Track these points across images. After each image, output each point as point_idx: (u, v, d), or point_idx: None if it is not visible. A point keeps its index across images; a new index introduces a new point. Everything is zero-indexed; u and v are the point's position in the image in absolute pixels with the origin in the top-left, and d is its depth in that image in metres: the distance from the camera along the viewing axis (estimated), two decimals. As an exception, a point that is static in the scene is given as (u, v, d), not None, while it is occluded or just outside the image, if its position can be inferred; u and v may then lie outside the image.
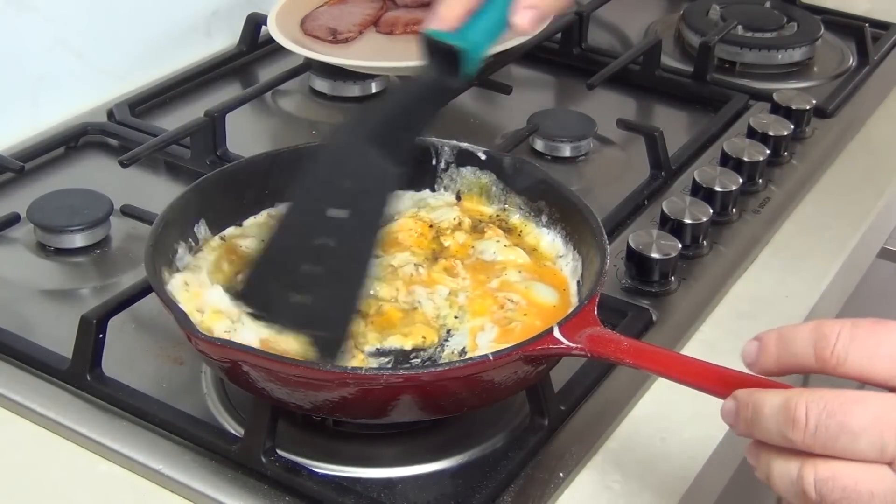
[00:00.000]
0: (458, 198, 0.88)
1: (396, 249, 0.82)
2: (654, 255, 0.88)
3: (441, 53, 0.75)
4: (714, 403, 0.64)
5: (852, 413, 0.51)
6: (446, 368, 0.67)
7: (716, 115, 1.14)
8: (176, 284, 0.75)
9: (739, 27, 1.29)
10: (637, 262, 0.88)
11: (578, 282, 0.79)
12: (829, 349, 0.53)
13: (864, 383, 0.53)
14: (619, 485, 0.72)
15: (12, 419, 0.77)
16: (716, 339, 0.86)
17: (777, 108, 1.12)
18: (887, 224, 1.12)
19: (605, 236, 0.77)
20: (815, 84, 1.24)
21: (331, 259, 0.73)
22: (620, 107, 1.18)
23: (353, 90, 1.19)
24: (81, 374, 0.77)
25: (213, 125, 1.04)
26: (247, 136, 1.10)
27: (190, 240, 0.81)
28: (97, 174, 1.03)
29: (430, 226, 0.85)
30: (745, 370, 0.63)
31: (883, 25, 1.35)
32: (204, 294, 0.75)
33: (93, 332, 0.76)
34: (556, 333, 0.67)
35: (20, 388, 0.78)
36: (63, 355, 0.78)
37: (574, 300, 0.78)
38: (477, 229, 0.85)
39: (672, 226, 0.93)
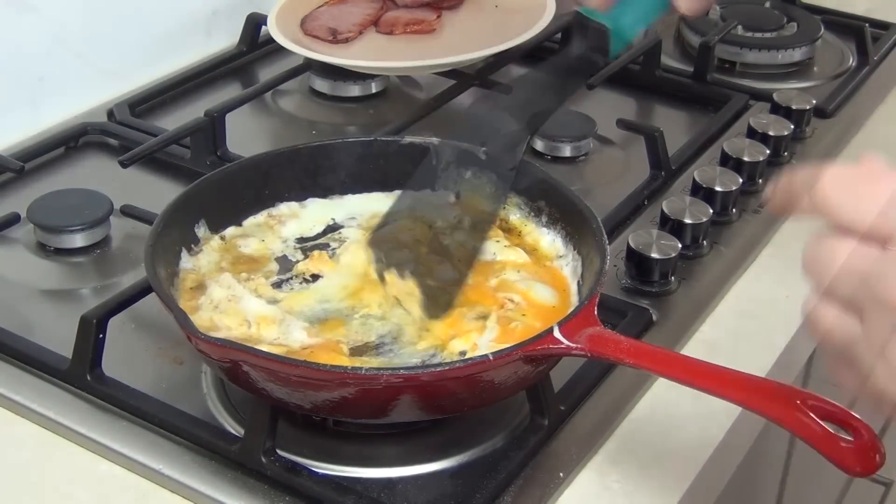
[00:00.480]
0: (458, 197, 0.88)
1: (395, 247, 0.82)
2: (654, 255, 0.88)
3: (592, 31, 0.79)
4: (714, 403, 0.64)
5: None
6: (446, 368, 0.67)
7: (716, 115, 1.14)
8: (207, 310, 0.75)
9: (739, 27, 1.29)
10: (637, 262, 0.88)
11: (578, 282, 0.79)
12: (818, 190, 0.52)
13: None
14: (619, 485, 0.72)
15: (12, 419, 0.77)
16: (716, 339, 0.86)
17: (777, 108, 1.12)
18: (887, 224, 1.12)
19: (605, 236, 0.77)
20: (815, 84, 1.24)
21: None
22: (620, 107, 1.18)
23: (353, 90, 1.19)
24: (81, 374, 0.77)
25: (213, 125, 1.04)
26: (247, 136, 1.10)
27: (190, 240, 0.81)
28: (97, 174, 1.03)
29: (430, 226, 0.85)
30: (745, 370, 0.63)
31: (883, 25, 1.35)
32: (240, 306, 0.75)
33: (93, 332, 0.76)
34: (556, 333, 0.67)
35: (20, 388, 0.78)
36: (63, 355, 0.78)
37: (574, 300, 0.78)
38: (477, 229, 0.85)
39: (672, 226, 0.93)
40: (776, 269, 0.95)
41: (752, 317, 0.89)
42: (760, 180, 1.03)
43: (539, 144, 1.09)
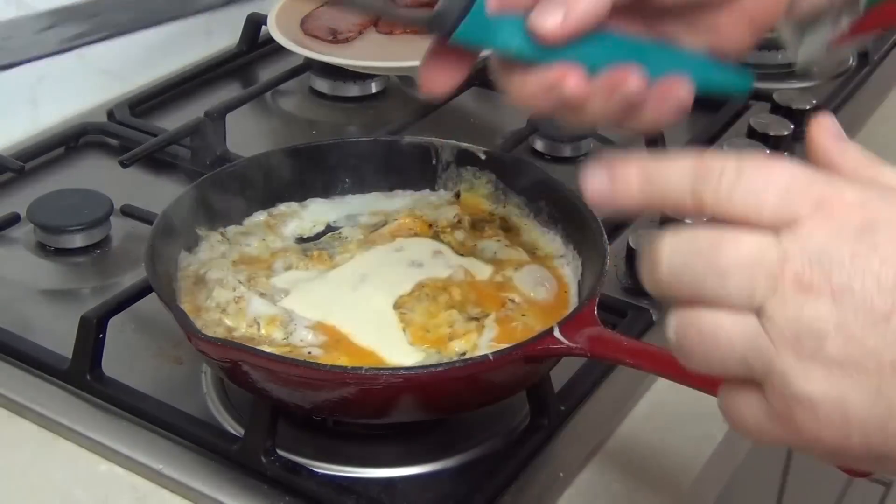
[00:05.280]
0: (458, 197, 0.88)
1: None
2: (655, 255, 0.88)
3: None
4: (714, 403, 0.63)
5: (723, 251, 0.45)
6: (446, 368, 0.67)
7: (716, 115, 1.14)
8: (214, 312, 0.75)
9: (739, 27, 1.28)
10: (637, 262, 0.88)
11: (578, 282, 0.79)
12: (709, 185, 0.46)
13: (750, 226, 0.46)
14: (619, 485, 0.72)
15: (12, 419, 0.77)
16: (716, 339, 0.86)
17: (777, 108, 1.12)
18: (887, 224, 1.12)
19: (605, 236, 0.77)
20: (815, 84, 1.24)
21: None
22: (620, 107, 1.18)
23: (353, 90, 1.19)
24: (81, 374, 0.77)
25: (213, 125, 1.04)
26: (247, 136, 1.10)
27: (190, 240, 0.81)
28: (97, 174, 1.03)
29: (430, 225, 0.85)
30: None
31: (883, 25, 1.35)
32: (246, 308, 0.75)
33: (93, 332, 0.76)
34: (556, 333, 0.67)
35: (20, 388, 0.78)
36: (63, 355, 0.78)
37: (574, 300, 0.78)
38: (477, 228, 0.85)
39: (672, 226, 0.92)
40: (776, 269, 0.95)
41: (752, 317, 0.89)
42: (760, 180, 1.03)
43: (539, 144, 1.09)
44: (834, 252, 0.44)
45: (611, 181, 0.49)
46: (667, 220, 0.93)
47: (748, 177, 0.45)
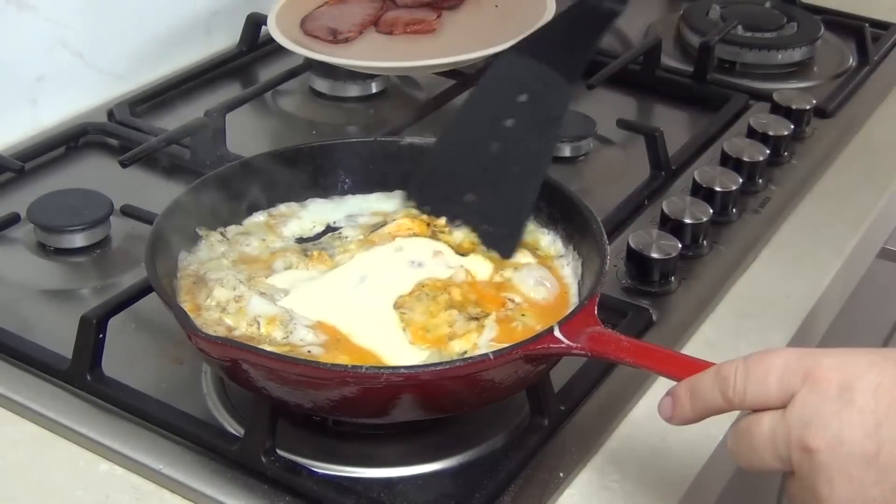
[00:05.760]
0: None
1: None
2: (654, 255, 0.88)
3: None
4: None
5: (752, 432, 0.58)
6: (446, 368, 0.67)
7: (716, 115, 1.14)
8: (214, 311, 0.75)
9: (739, 27, 1.29)
10: (637, 262, 0.88)
11: (579, 282, 0.79)
12: (730, 389, 0.59)
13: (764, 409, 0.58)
14: (618, 484, 0.72)
15: (12, 419, 0.77)
16: (716, 339, 0.86)
17: (777, 108, 1.12)
18: (887, 224, 1.12)
19: (605, 236, 0.77)
20: (815, 84, 1.24)
21: (504, 164, 0.82)
22: (620, 107, 1.18)
23: (353, 90, 1.19)
24: (81, 374, 0.77)
25: (213, 125, 1.04)
26: (247, 136, 1.10)
27: (190, 240, 0.81)
28: (97, 174, 1.03)
29: (428, 224, 0.85)
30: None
31: (883, 25, 1.35)
32: (246, 307, 0.75)
33: (93, 332, 0.76)
34: (557, 333, 0.67)
35: (20, 388, 0.78)
36: (63, 355, 0.78)
37: (574, 300, 0.78)
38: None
39: (672, 226, 0.93)
40: (776, 269, 0.95)
41: (752, 317, 0.89)
42: (760, 180, 1.03)
43: (539, 144, 1.08)
44: (821, 413, 0.55)
45: (673, 405, 0.62)
46: (666, 220, 0.93)
47: (753, 371, 0.58)
